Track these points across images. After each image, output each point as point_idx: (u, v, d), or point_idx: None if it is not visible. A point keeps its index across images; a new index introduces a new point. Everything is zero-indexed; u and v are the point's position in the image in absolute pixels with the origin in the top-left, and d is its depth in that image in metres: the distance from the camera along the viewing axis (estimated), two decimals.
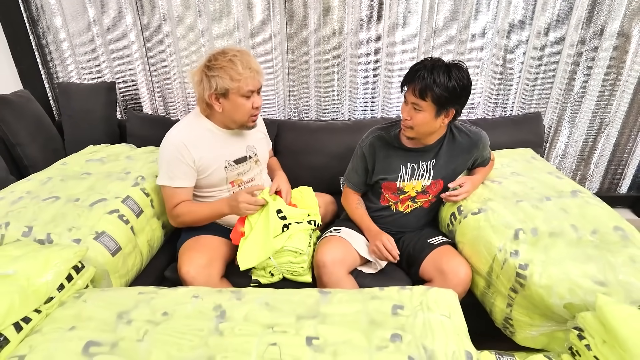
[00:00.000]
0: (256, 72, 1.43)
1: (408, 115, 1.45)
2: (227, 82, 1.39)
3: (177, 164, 1.47)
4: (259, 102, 1.49)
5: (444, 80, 1.35)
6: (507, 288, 1.29)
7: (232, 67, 1.38)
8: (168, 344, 0.96)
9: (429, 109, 1.41)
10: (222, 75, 1.38)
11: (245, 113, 1.48)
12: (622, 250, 1.23)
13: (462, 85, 1.38)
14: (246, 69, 1.40)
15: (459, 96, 1.40)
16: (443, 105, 1.39)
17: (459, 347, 0.95)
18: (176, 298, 1.13)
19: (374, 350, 0.94)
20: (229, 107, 1.46)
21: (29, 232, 1.31)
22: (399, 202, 1.64)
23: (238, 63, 1.39)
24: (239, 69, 1.38)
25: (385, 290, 1.15)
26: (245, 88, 1.41)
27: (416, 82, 1.38)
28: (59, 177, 1.63)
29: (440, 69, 1.36)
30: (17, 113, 1.97)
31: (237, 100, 1.44)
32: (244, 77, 1.39)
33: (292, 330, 0.99)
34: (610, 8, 2.06)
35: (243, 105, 1.45)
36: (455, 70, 1.37)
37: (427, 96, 1.38)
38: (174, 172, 1.48)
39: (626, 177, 2.51)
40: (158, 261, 1.67)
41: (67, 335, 0.98)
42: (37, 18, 2.19)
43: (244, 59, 1.41)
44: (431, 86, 1.36)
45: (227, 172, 1.56)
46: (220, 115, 1.50)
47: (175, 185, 1.49)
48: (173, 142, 1.47)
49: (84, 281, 1.23)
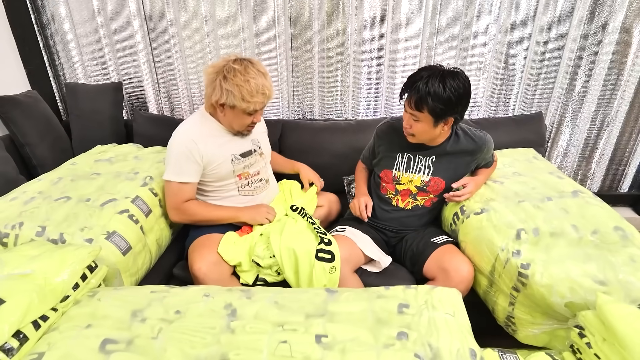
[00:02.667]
0: (267, 97, 1.49)
1: (407, 123, 1.50)
2: (237, 100, 1.44)
3: (185, 160, 1.50)
4: (258, 119, 1.56)
5: (439, 91, 1.36)
6: (509, 287, 1.32)
7: (247, 89, 1.42)
8: (182, 341, 0.99)
9: (426, 119, 1.44)
10: (235, 93, 1.43)
11: (243, 125, 1.56)
12: (622, 250, 1.25)
13: (457, 95, 1.38)
14: (259, 94, 1.45)
15: (455, 105, 1.41)
16: (439, 116, 1.42)
17: (463, 344, 0.98)
18: (188, 297, 1.15)
19: (381, 347, 0.97)
20: (230, 117, 1.52)
21: (42, 232, 1.34)
22: (398, 196, 1.67)
23: (253, 85, 1.43)
24: (252, 92, 1.43)
25: (391, 289, 1.18)
26: (251, 108, 1.47)
27: (412, 94, 1.41)
28: (70, 177, 1.66)
29: (435, 80, 1.37)
30: (26, 113, 2.00)
31: (240, 115, 1.50)
32: (254, 101, 1.45)
33: (301, 328, 1.02)
34: (612, 9, 2.08)
35: (244, 119, 1.53)
36: (450, 79, 1.37)
37: (422, 108, 1.41)
38: (181, 168, 1.51)
39: (627, 176, 2.53)
40: (166, 259, 1.70)
41: (83, 333, 1.01)
42: (45, 20, 2.22)
43: (260, 82, 1.44)
44: (425, 98, 1.38)
45: (233, 165, 1.60)
46: (221, 118, 1.56)
47: (181, 181, 1.52)
48: (181, 139, 1.51)
49: (97, 280, 1.26)
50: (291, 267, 1.47)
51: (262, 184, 1.73)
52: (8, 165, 1.83)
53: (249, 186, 1.68)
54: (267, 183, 1.75)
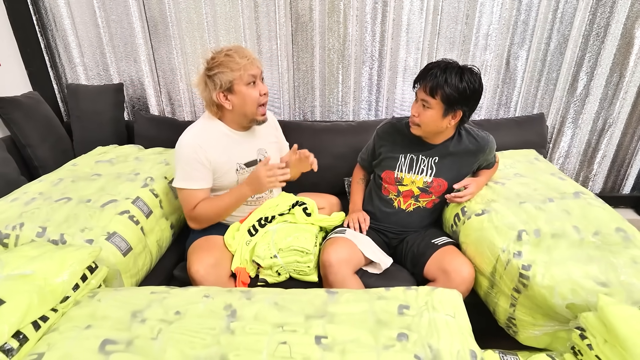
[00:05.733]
0: (253, 59, 1.48)
1: (416, 112, 1.50)
2: (228, 74, 1.43)
3: (194, 165, 1.49)
4: (265, 89, 1.52)
5: (456, 80, 1.40)
6: (510, 288, 1.31)
7: (229, 60, 1.43)
8: (182, 342, 0.98)
9: (437, 107, 1.44)
10: (222, 70, 1.43)
11: (254, 102, 1.50)
12: (624, 252, 1.25)
13: (472, 88, 1.41)
14: (243, 58, 1.44)
15: (468, 98, 1.43)
16: (451, 105, 1.43)
17: (464, 346, 0.98)
18: (188, 297, 1.15)
19: (381, 349, 0.96)
20: (237, 101, 1.48)
21: (43, 233, 1.34)
22: (400, 197, 1.67)
23: (234, 55, 1.44)
24: (236, 59, 1.43)
25: (392, 291, 1.18)
26: (246, 74, 1.45)
27: (428, 80, 1.44)
28: (70, 178, 1.66)
29: (453, 70, 1.41)
30: (28, 115, 2.01)
31: (243, 90, 1.46)
32: (243, 64, 1.43)
33: (301, 330, 1.02)
34: (614, 10, 2.07)
35: (250, 95, 1.48)
36: (468, 73, 1.42)
37: (437, 94, 1.42)
38: (190, 174, 1.50)
39: (629, 178, 2.52)
40: (167, 260, 1.69)
41: (83, 334, 1.01)
42: (47, 21, 2.22)
43: (239, 50, 1.46)
44: (442, 85, 1.40)
45: (238, 175, 1.58)
46: (231, 114, 1.53)
47: (193, 187, 1.51)
48: (189, 144, 1.49)
49: (97, 281, 1.26)
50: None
51: (266, 194, 1.71)
52: (9, 167, 1.83)
53: (252, 197, 1.66)
54: (270, 193, 1.73)
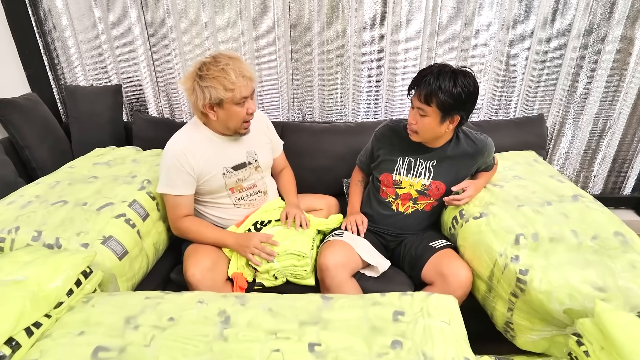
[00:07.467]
0: (249, 79, 1.43)
1: (413, 119, 1.48)
2: (220, 92, 1.39)
3: (176, 173, 1.48)
4: (252, 108, 1.49)
5: (450, 86, 1.37)
6: (508, 293, 1.30)
7: (225, 77, 1.38)
8: (174, 349, 0.98)
9: (433, 114, 1.43)
10: (215, 86, 1.38)
11: (239, 120, 1.49)
12: (622, 256, 1.24)
13: (467, 92, 1.39)
14: (239, 77, 1.39)
15: (464, 102, 1.41)
16: (447, 111, 1.41)
17: (459, 353, 0.97)
18: (182, 303, 1.15)
19: (374, 357, 0.96)
20: (223, 116, 1.47)
21: (38, 237, 1.34)
22: (398, 200, 1.66)
23: (231, 72, 1.38)
24: (232, 78, 1.38)
25: (387, 296, 1.17)
26: (239, 96, 1.42)
27: (422, 87, 1.41)
28: (67, 181, 1.66)
29: (446, 75, 1.39)
30: (26, 116, 2.01)
31: (232, 108, 1.44)
32: (237, 86, 1.39)
33: (294, 337, 1.01)
34: (614, 10, 2.06)
35: (237, 113, 1.46)
36: (461, 77, 1.39)
37: (431, 102, 1.40)
38: (173, 181, 1.49)
39: (630, 179, 2.51)
40: (164, 263, 1.69)
41: (76, 340, 1.00)
42: (45, 22, 2.22)
43: (236, 66, 1.40)
44: (436, 92, 1.38)
45: (225, 179, 1.57)
46: (215, 123, 1.51)
47: (175, 194, 1.51)
48: (172, 150, 1.48)
49: (92, 286, 1.25)
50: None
51: (259, 197, 1.69)
52: (7, 168, 1.83)
53: (244, 199, 1.65)
54: (264, 195, 1.71)
